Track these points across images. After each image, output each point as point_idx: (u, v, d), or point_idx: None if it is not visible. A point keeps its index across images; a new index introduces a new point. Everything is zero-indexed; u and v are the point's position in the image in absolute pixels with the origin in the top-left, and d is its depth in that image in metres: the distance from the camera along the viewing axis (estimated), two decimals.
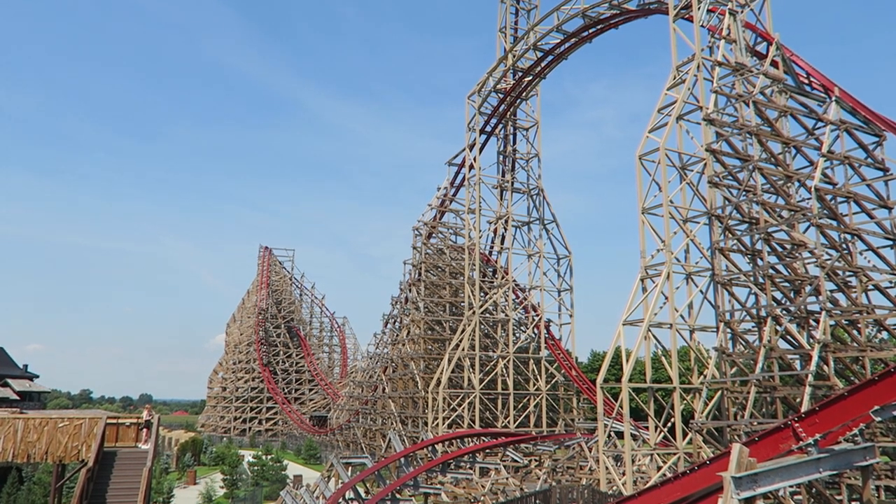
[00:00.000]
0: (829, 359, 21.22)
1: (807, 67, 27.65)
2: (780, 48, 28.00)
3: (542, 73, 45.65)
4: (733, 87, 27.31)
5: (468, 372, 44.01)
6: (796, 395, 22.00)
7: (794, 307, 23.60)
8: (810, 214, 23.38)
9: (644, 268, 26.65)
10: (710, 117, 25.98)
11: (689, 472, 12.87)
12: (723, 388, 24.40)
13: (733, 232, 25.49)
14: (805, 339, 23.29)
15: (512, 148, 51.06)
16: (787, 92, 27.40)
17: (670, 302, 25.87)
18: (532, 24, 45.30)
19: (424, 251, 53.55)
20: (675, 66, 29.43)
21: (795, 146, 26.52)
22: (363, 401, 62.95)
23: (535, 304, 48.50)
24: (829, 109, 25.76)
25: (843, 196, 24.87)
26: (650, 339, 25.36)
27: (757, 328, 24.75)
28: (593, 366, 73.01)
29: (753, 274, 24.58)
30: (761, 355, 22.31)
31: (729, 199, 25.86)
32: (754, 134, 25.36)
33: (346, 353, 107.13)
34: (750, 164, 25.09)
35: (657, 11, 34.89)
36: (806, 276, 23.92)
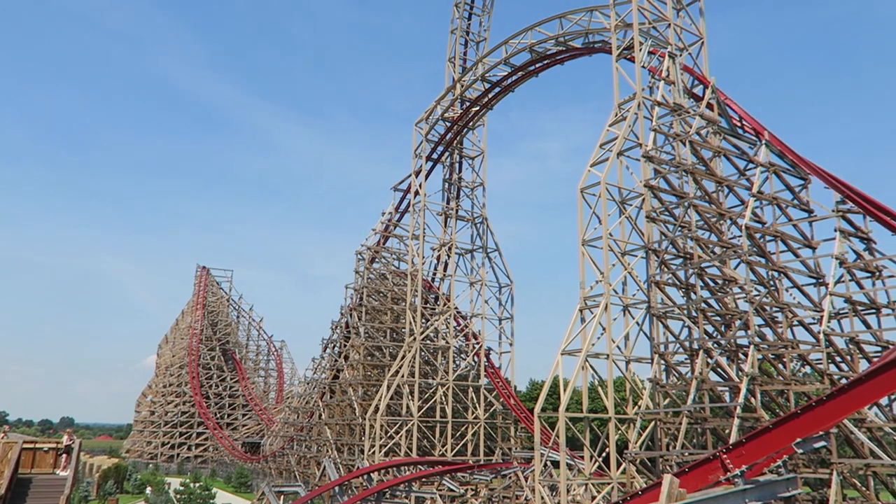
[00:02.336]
0: (757, 391, 21.94)
1: (739, 111, 28.98)
2: (715, 91, 29.30)
3: (489, 104, 46.40)
4: (671, 126, 28.33)
5: (407, 399, 43.62)
6: (725, 427, 22.61)
7: (725, 340, 24.38)
8: (741, 251, 24.32)
9: (583, 298, 27.10)
10: (648, 154, 26.85)
11: (622, 502, 12.99)
12: (656, 419, 24.87)
13: (669, 266, 26.25)
14: (734, 371, 24.04)
15: (458, 176, 51.53)
16: (721, 133, 28.62)
17: (608, 333, 26.33)
18: (480, 56, 46.14)
19: (367, 276, 53.19)
20: (616, 104, 30.36)
21: (728, 185, 27.65)
22: (298, 427, 61.48)
23: (475, 331, 48.64)
24: (759, 152, 27.01)
25: (771, 235, 25.98)
26: (587, 369, 25.71)
27: (689, 360, 25.44)
28: (531, 394, 73.50)
29: (687, 307, 25.33)
30: (693, 387, 22.90)
31: (665, 234, 26.69)
32: (690, 172, 26.33)
33: (282, 378, 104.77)
34: (685, 200, 25.99)
35: (601, 51, 36.04)
36: (736, 310, 24.79)
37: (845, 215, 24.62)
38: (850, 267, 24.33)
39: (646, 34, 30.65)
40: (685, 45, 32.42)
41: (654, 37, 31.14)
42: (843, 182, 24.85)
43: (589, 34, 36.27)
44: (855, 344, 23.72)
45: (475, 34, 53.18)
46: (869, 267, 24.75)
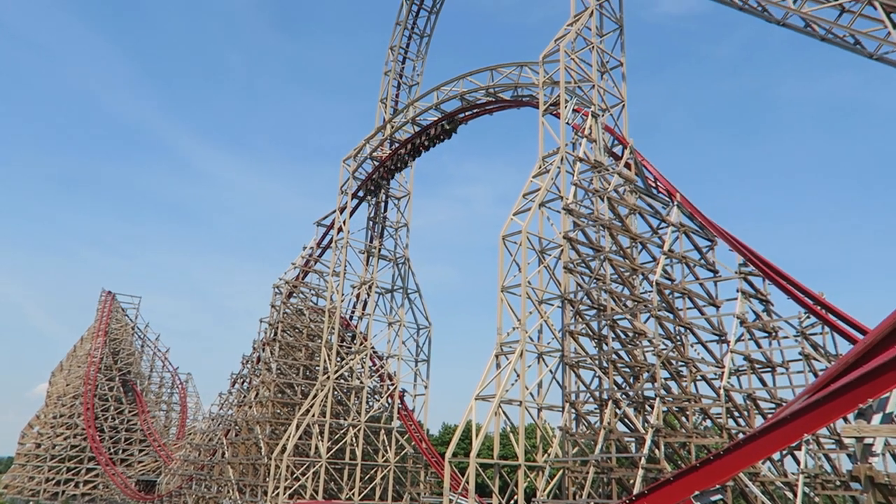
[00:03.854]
0: (661, 443, 22.62)
1: (654, 172, 30.51)
2: (633, 152, 30.79)
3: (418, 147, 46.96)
4: (591, 182, 29.47)
5: (316, 439, 42.40)
6: (630, 477, 23.13)
7: (633, 392, 25.12)
8: (651, 306, 25.31)
9: (500, 344, 27.38)
10: (569, 207, 27.75)
11: None
12: (564, 467, 25.16)
13: (583, 316, 26.97)
14: (641, 423, 24.74)
15: (382, 215, 51.58)
16: (637, 192, 29.99)
17: (522, 380, 26.63)
18: (412, 100, 46.86)
19: (283, 310, 51.95)
20: (541, 157, 31.36)
21: (642, 242, 28.88)
22: (199, 465, 58.53)
23: (391, 372, 48.12)
24: (671, 212, 28.43)
25: (679, 292, 27.20)
26: (500, 415, 25.83)
27: (599, 410, 26.00)
28: (443, 439, 72.97)
29: (599, 358, 26.00)
30: (601, 437, 23.38)
31: (581, 285, 27.48)
32: (607, 227, 27.37)
33: (185, 413, 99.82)
34: (601, 254, 26.93)
35: (528, 104, 37.33)
36: (644, 363, 25.65)
37: (747, 277, 26.12)
38: (749, 326, 25.72)
39: (571, 93, 32.01)
40: (607, 107, 34.05)
41: (579, 96, 32.56)
42: (746, 246, 26.43)
43: (518, 88, 37.56)
44: (752, 400, 24.93)
45: (408, 78, 54.11)
46: (766, 327, 26.23)
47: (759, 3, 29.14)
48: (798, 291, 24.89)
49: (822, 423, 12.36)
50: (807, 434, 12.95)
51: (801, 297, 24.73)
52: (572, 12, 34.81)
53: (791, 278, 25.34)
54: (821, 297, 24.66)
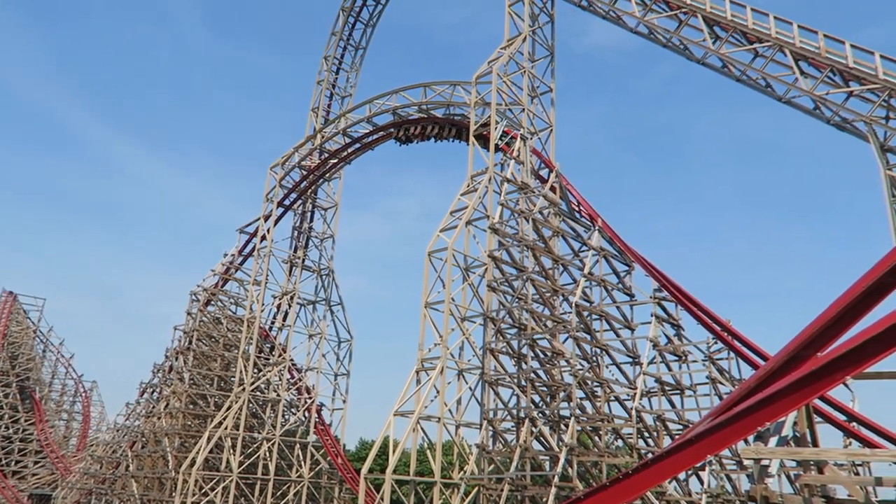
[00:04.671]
0: (574, 462, 23.10)
1: (578, 197, 31.40)
2: (559, 176, 31.61)
3: (347, 158, 46.66)
4: (517, 203, 30.03)
5: (228, 453, 41.02)
6: (543, 495, 23.47)
7: (549, 411, 25.57)
8: (570, 327, 25.93)
9: (420, 360, 27.36)
10: (494, 227, 28.16)
11: None
12: (480, 485, 25.29)
13: (504, 335, 27.33)
14: (556, 441, 25.19)
15: (308, 225, 50.83)
16: (561, 215, 30.77)
17: (441, 396, 26.66)
18: (344, 111, 46.57)
19: (199, 318, 50.22)
20: (469, 175, 31.74)
21: (563, 264, 29.60)
22: (100, 479, 55.51)
23: (309, 386, 47.22)
24: (592, 236, 29.30)
25: (597, 314, 27.99)
26: (418, 431, 25.76)
27: (516, 428, 26.32)
28: (360, 454, 71.98)
29: (517, 376, 26.37)
30: (517, 455, 23.66)
31: (504, 303, 27.88)
32: (531, 248, 27.92)
33: (88, 423, 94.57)
34: (524, 274, 27.43)
35: (460, 124, 37.77)
36: (561, 382, 26.19)
37: (661, 302, 27.17)
38: (661, 350, 26.71)
39: (502, 114, 32.64)
40: (536, 130, 34.90)
41: (509, 118, 33.24)
42: (661, 272, 27.51)
43: (450, 106, 37.99)
44: (661, 421, 25.83)
45: (341, 89, 53.80)
46: (677, 351, 27.32)
47: (681, 42, 30.66)
48: (707, 318, 26.07)
49: (724, 445, 12.94)
50: (710, 455, 13.53)
51: (709, 323, 25.91)
52: (506, 36, 35.61)
53: (701, 305, 26.52)
54: (728, 324, 25.91)
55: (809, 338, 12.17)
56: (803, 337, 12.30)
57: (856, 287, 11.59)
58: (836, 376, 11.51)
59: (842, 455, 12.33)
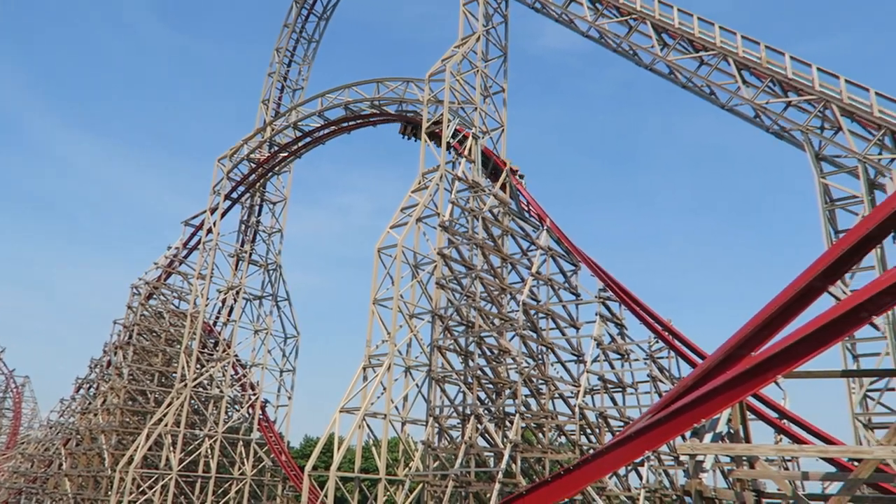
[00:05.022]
0: (518, 458, 23.38)
1: (528, 197, 31.74)
2: (509, 176, 31.88)
3: (298, 152, 46.04)
4: (468, 201, 30.16)
5: (168, 451, 40.01)
6: (487, 491, 23.67)
7: (495, 408, 25.80)
8: (517, 325, 26.21)
9: (368, 357, 27.24)
10: (444, 224, 28.24)
11: None
12: (424, 481, 25.34)
13: (452, 332, 27.44)
14: (500, 438, 25.43)
15: (256, 219, 49.96)
16: (511, 215, 31.06)
17: (387, 393, 26.61)
18: (295, 104, 45.98)
19: (140, 312, 48.82)
20: (421, 172, 31.72)
21: (512, 263, 29.89)
22: (31, 478, 53.41)
23: (254, 382, 46.46)
24: (541, 236, 29.67)
25: (543, 312, 28.37)
26: (364, 428, 25.64)
27: (461, 425, 26.48)
28: (305, 451, 71.21)
29: (464, 373, 26.53)
30: (461, 451, 23.79)
31: (452, 301, 27.98)
32: (480, 246, 28.10)
33: (19, 420, 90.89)
34: (473, 272, 27.59)
35: (412, 121, 37.71)
36: (507, 380, 26.45)
37: (605, 302, 27.71)
38: (605, 348, 27.26)
39: (454, 113, 32.73)
40: (488, 130, 35.10)
41: (461, 116, 33.35)
42: (606, 272, 28.04)
43: (403, 103, 37.87)
44: (603, 418, 26.37)
45: (292, 81, 53.03)
46: (620, 349, 27.93)
47: (630, 47, 31.31)
48: (649, 317, 26.71)
49: (661, 441, 13.28)
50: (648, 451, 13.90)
51: (651, 322, 26.55)
52: (460, 35, 35.69)
53: (644, 305, 27.16)
54: (669, 324, 26.60)
55: (744, 338, 12.59)
56: (738, 337, 12.71)
57: (787, 290, 12.05)
58: (768, 375, 11.93)
59: (772, 451, 12.80)
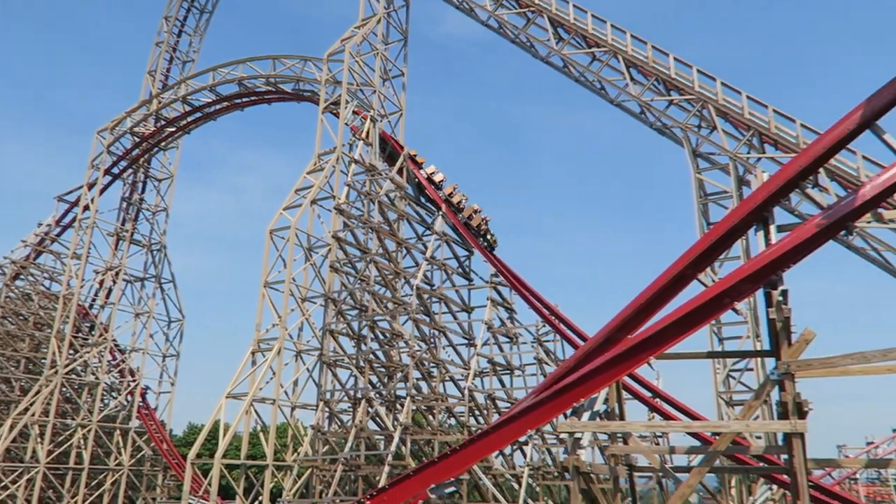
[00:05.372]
0: (408, 440, 23.61)
1: (424, 182, 31.86)
2: (406, 160, 31.87)
3: (187, 128, 43.92)
4: (364, 184, 29.93)
5: (34, 442, 37.35)
6: (377, 474, 23.78)
7: (386, 391, 25.90)
8: (410, 309, 26.38)
9: (257, 341, 26.55)
10: (340, 207, 27.90)
11: None
12: (313, 466, 25.10)
13: (344, 316, 27.24)
14: (391, 421, 25.58)
15: (139, 197, 47.25)
16: (407, 199, 31.12)
17: (277, 378, 26.07)
18: (185, 77, 43.75)
19: (6, 293, 45.14)
20: (317, 154, 31.10)
21: (407, 247, 30.00)
22: None
23: (133, 368, 44.15)
24: (436, 222, 29.91)
25: (437, 297, 28.70)
26: (251, 413, 25.03)
27: (352, 409, 26.39)
28: (189, 439, 68.60)
29: (356, 357, 26.43)
30: (352, 435, 23.75)
31: (346, 285, 27.76)
32: (375, 230, 28.00)
33: None
34: (368, 256, 27.46)
35: (309, 100, 36.87)
36: (399, 363, 26.61)
37: (496, 287, 28.39)
38: (494, 332, 27.97)
39: (353, 95, 32.29)
40: (386, 113, 34.92)
41: (360, 99, 32.96)
42: (498, 258, 28.73)
43: (300, 82, 36.92)
44: (491, 400, 27.09)
45: (182, 53, 50.33)
46: (509, 333, 28.74)
47: (528, 39, 32.04)
48: (538, 302, 27.65)
49: (544, 420, 13.82)
50: (531, 430, 14.42)
51: (539, 307, 27.49)
52: (360, 16, 35.17)
53: (533, 290, 28.07)
54: (555, 309, 27.63)
55: (621, 322, 13.29)
56: (616, 321, 13.41)
57: (661, 278, 12.84)
58: (641, 357, 12.69)
59: (643, 427, 13.64)
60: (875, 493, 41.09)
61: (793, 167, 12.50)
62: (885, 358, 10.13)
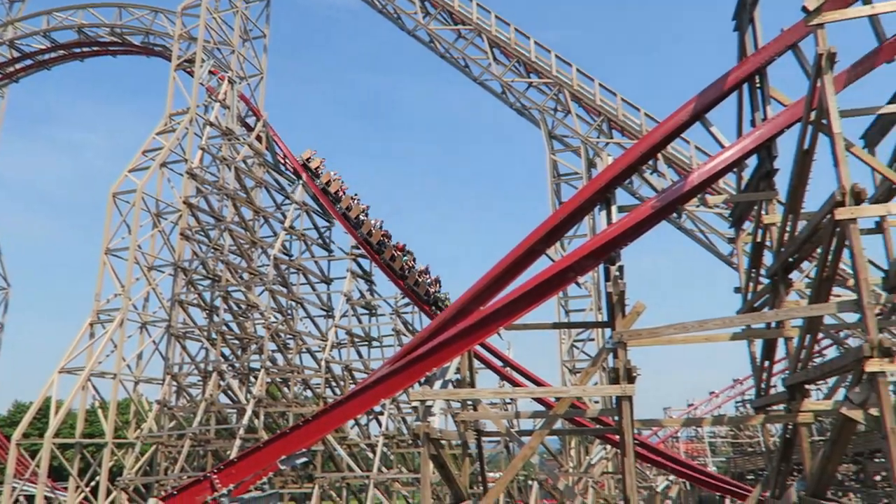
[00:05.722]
0: (261, 413, 23.14)
1: (285, 149, 30.92)
2: (266, 126, 30.71)
3: (14, 75, 39.51)
4: (220, 149, 28.51)
5: None
6: (228, 448, 23.11)
7: (239, 364, 25.16)
8: (266, 280, 25.68)
9: (96, 312, 24.73)
10: (193, 172, 26.44)
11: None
12: (158, 443, 23.96)
13: (196, 286, 26.04)
14: (244, 394, 24.90)
15: None
16: (266, 166, 30.08)
17: (119, 350, 24.47)
18: (12, 19, 39.15)
19: None
20: (168, 114, 29.15)
21: (264, 216, 29.09)
22: None
23: None
24: (296, 191, 29.19)
25: (295, 268, 28.16)
26: (88, 389, 23.38)
27: (203, 382, 25.40)
28: (14, 419, 62.85)
29: (208, 329, 25.38)
30: (201, 409, 22.89)
31: (197, 253, 26.49)
32: (231, 197, 26.85)
33: None
34: (222, 224, 26.32)
35: (160, 55, 34.42)
36: (254, 335, 25.91)
37: (357, 259, 28.27)
38: (354, 303, 27.91)
39: (209, 53, 30.54)
40: (246, 75, 33.37)
41: (217, 58, 31.21)
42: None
43: (150, 35, 34.34)
44: (349, 371, 27.10)
45: None
46: (368, 305, 28.83)
47: (395, 11, 31.84)
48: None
49: (397, 389, 14.08)
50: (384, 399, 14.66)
51: (398, 279, 27.75)
52: None
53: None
54: None
55: (475, 295, 13.77)
56: (470, 294, 13.88)
57: (513, 253, 13.44)
58: (492, 327, 13.23)
59: (491, 394, 14.27)
60: (693, 449, 45.85)
61: (633, 153, 13.47)
62: (701, 328, 11.24)
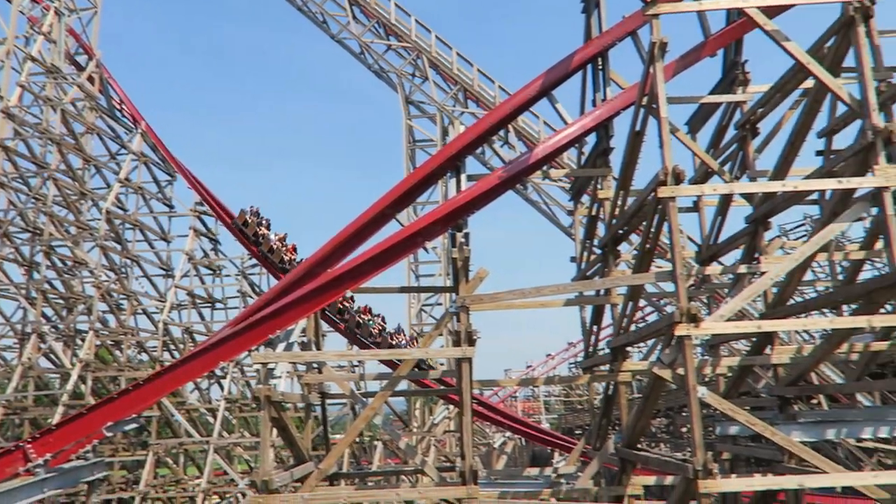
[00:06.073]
0: (89, 378, 21.54)
1: (121, 94, 28.43)
2: (100, 67, 28.01)
3: None
4: (44, 88, 25.69)
5: None
6: (49, 416, 21.37)
7: (63, 325, 23.20)
8: (97, 235, 23.71)
9: None
10: (9, 111, 23.61)
11: None
12: None
13: (12, 239, 23.54)
14: (69, 358, 23.04)
15: None
16: (98, 111, 27.53)
17: None
18: None
19: None
20: None
21: (96, 166, 26.71)
22: None
23: None
24: (133, 140, 27.00)
25: (131, 223, 26.22)
26: None
27: (19, 345, 23.17)
28: None
29: (26, 287, 23.10)
30: (17, 374, 20.92)
31: (15, 203, 23.89)
32: (56, 143, 24.35)
33: None
34: (45, 171, 23.87)
35: None
36: (81, 294, 23.94)
37: (200, 216, 26.81)
38: (196, 263, 26.55)
39: None
40: (76, 8, 30.16)
41: None
42: (204, 186, 27.02)
43: None
44: (189, 333, 25.90)
45: None
46: (212, 265, 27.54)
47: None
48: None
49: (237, 352, 13.73)
50: (223, 361, 14.19)
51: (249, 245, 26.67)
52: None
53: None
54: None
55: (322, 257, 13.63)
56: (317, 256, 13.71)
57: (363, 217, 13.41)
58: (339, 290, 13.22)
59: (336, 356, 14.34)
60: (529, 407, 48.90)
61: (483, 124, 13.86)
62: (538, 294, 11.93)
